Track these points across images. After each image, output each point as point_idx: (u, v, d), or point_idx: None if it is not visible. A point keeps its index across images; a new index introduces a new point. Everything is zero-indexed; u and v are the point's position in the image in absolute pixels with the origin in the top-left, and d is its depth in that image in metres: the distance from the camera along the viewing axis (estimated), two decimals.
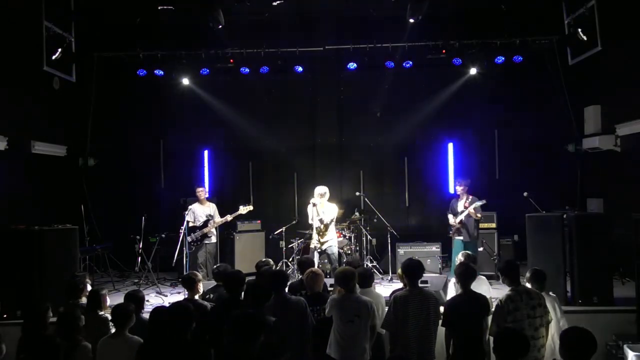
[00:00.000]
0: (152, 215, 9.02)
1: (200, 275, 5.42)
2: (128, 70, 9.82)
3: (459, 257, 5.82)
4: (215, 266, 6.44)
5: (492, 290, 5.49)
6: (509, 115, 10.19)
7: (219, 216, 8.30)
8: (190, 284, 5.19)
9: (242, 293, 4.81)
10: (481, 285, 5.19)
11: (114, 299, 5.49)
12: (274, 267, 6.09)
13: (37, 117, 8.87)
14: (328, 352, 4.46)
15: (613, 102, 8.71)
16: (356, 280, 4.69)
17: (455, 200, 7.96)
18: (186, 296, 5.37)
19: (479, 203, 7.58)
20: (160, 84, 10.07)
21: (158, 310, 4.07)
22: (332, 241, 7.81)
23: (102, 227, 9.82)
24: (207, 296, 5.29)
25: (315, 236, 7.72)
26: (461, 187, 7.83)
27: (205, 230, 8.16)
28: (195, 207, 8.28)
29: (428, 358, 4.46)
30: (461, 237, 7.70)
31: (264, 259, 6.23)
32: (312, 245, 7.84)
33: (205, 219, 8.20)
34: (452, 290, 5.62)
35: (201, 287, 5.26)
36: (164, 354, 3.69)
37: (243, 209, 8.18)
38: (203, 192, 8.34)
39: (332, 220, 7.73)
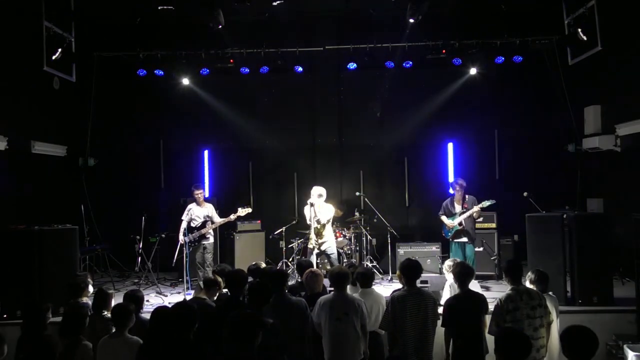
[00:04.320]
0: (152, 215, 9.02)
1: (221, 281, 5.33)
2: (128, 70, 9.82)
3: (447, 264, 5.81)
4: (215, 266, 6.42)
5: (480, 290, 5.49)
6: (509, 115, 10.19)
7: (217, 216, 8.28)
8: (210, 285, 5.08)
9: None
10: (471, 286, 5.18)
11: (114, 299, 5.49)
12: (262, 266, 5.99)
13: (37, 117, 8.87)
14: (325, 356, 4.46)
15: (613, 102, 8.70)
16: (349, 281, 4.69)
17: (450, 201, 7.84)
18: (190, 294, 5.29)
19: (487, 203, 7.40)
20: (160, 84, 10.07)
21: (160, 310, 4.07)
22: (330, 242, 7.82)
23: (102, 227, 9.82)
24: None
25: (312, 237, 7.72)
26: (459, 188, 7.68)
27: (203, 231, 8.15)
28: (192, 207, 8.27)
29: (426, 358, 4.46)
30: (464, 240, 7.60)
31: (253, 263, 6.07)
32: (309, 246, 7.83)
33: (203, 219, 8.19)
34: (447, 292, 5.63)
35: (217, 293, 5.15)
36: (165, 354, 3.69)
37: (242, 211, 8.16)
38: (201, 194, 8.31)
39: (328, 221, 7.74)
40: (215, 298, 5.15)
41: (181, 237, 7.98)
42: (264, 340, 3.46)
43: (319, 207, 7.65)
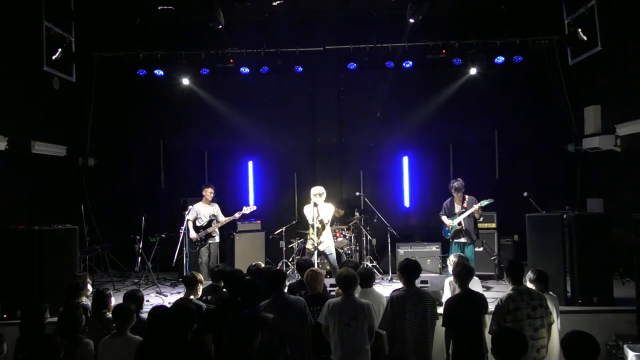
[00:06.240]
0: (152, 215, 9.02)
1: (201, 277, 5.40)
2: (128, 70, 9.83)
3: (451, 259, 5.81)
4: (214, 265, 6.43)
5: (482, 290, 5.50)
6: (509, 115, 10.18)
7: (222, 216, 8.28)
8: (191, 284, 5.19)
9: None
10: (474, 286, 5.18)
11: (114, 299, 5.49)
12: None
13: (37, 117, 8.87)
14: (332, 357, 4.45)
15: (613, 102, 8.70)
16: (357, 284, 4.68)
17: (450, 201, 7.78)
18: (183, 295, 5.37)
19: (485, 202, 7.38)
20: (160, 84, 10.07)
21: (157, 310, 4.08)
22: (329, 241, 7.82)
23: (102, 227, 9.82)
24: (204, 297, 5.27)
25: (313, 237, 7.70)
26: (455, 190, 7.62)
27: (210, 230, 8.15)
28: (198, 206, 8.26)
29: (425, 357, 4.47)
30: (462, 240, 7.57)
31: (253, 263, 6.11)
32: (308, 246, 7.82)
33: (209, 219, 8.19)
34: (447, 290, 5.63)
35: (200, 290, 5.27)
36: (163, 353, 3.69)
37: (247, 209, 8.21)
38: (211, 193, 8.31)
39: (328, 221, 7.76)
40: (198, 296, 5.19)
41: (193, 233, 8.02)
42: (265, 337, 3.47)
43: (321, 207, 7.66)
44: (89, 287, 5.48)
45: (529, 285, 4.77)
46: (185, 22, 9.66)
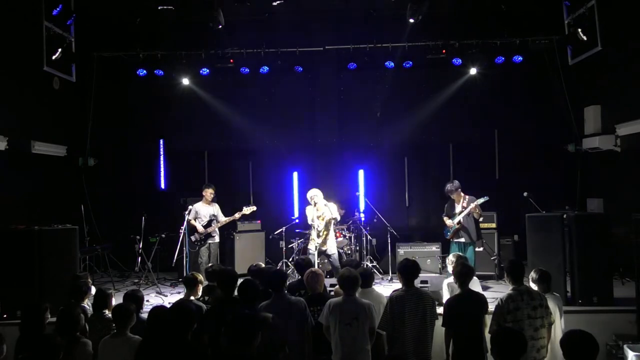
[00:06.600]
0: (152, 215, 9.02)
1: (202, 278, 5.41)
2: (128, 70, 9.85)
3: (450, 259, 5.81)
4: (209, 265, 6.44)
5: (481, 291, 5.49)
6: (509, 115, 10.19)
7: (222, 216, 8.29)
8: (191, 284, 5.21)
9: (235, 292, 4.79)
10: (473, 286, 5.18)
11: (114, 299, 5.49)
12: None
13: (37, 117, 8.87)
14: (333, 357, 4.45)
15: (613, 102, 8.71)
16: (359, 284, 4.68)
17: (450, 202, 7.77)
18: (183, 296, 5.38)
19: (481, 200, 7.39)
20: (160, 84, 10.08)
21: (157, 310, 4.09)
22: (331, 242, 7.82)
23: (102, 227, 9.82)
24: (202, 298, 5.27)
25: (315, 237, 7.70)
26: (454, 190, 7.58)
27: (209, 230, 8.16)
28: (198, 206, 8.26)
29: (424, 357, 4.46)
30: (462, 240, 7.55)
31: (254, 264, 6.11)
32: (310, 246, 7.81)
33: (209, 218, 8.20)
34: (445, 292, 5.64)
35: (201, 290, 5.28)
36: (163, 353, 3.70)
37: (247, 210, 8.21)
38: (211, 193, 8.32)
39: (335, 218, 7.77)
40: (198, 296, 5.20)
41: (200, 227, 8.04)
42: (265, 337, 3.47)
43: (326, 206, 7.69)
44: (93, 289, 5.48)
45: (532, 285, 4.77)
46: (185, 22, 9.66)
